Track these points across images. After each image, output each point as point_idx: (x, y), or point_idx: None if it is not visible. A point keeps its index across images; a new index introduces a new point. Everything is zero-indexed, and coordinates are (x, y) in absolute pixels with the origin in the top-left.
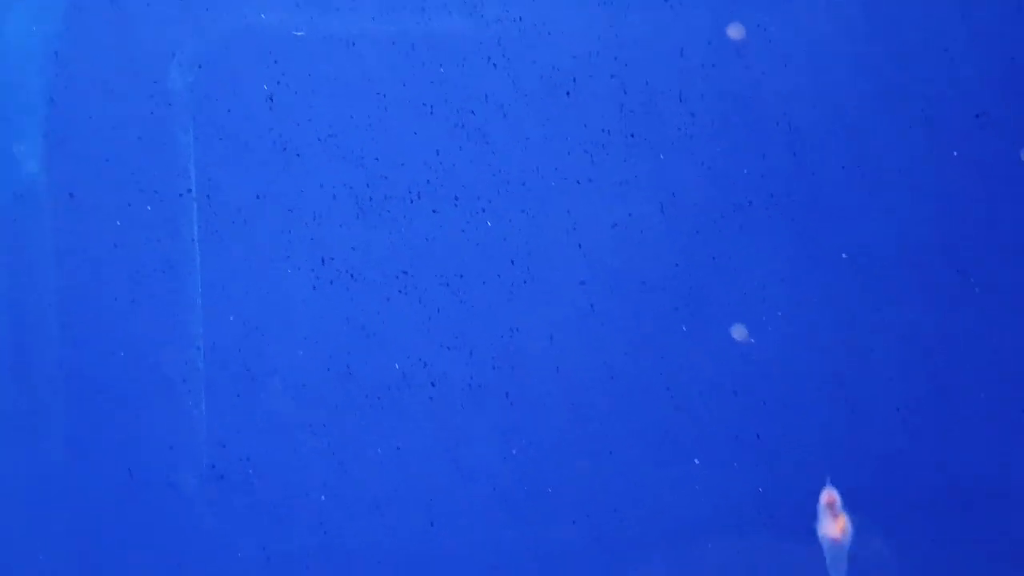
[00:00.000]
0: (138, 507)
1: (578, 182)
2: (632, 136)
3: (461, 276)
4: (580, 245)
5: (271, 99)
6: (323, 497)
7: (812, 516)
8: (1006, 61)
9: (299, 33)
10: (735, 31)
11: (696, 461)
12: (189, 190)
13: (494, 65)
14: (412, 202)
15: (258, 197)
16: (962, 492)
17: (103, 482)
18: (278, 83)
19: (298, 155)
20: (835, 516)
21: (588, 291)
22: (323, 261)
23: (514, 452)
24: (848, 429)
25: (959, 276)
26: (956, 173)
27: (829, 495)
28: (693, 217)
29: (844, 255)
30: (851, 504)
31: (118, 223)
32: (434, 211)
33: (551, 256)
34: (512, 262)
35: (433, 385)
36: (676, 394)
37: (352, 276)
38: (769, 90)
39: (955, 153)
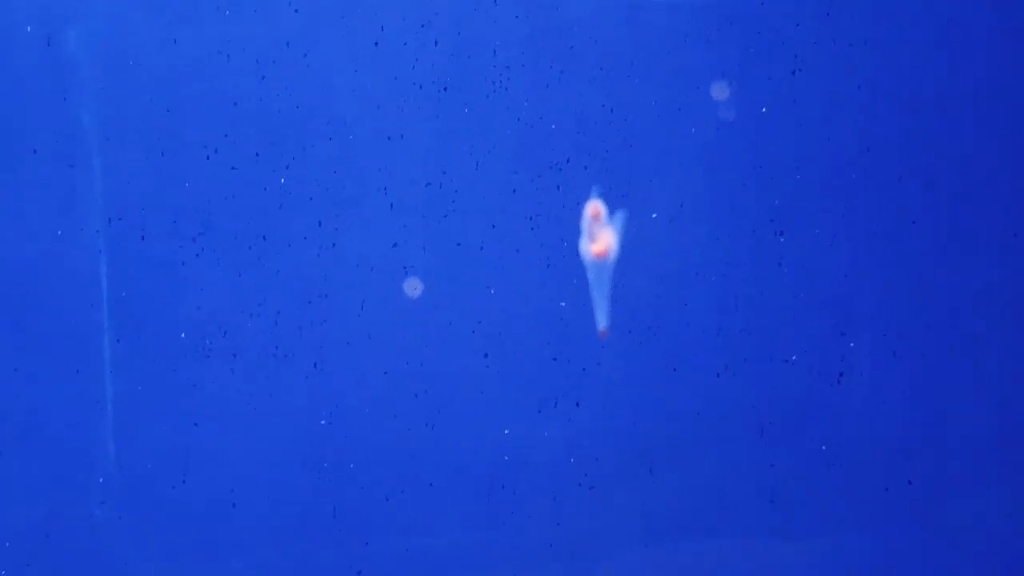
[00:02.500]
0: None
1: (389, 138)
2: (445, 90)
3: (264, 238)
4: (392, 205)
5: (49, 42)
6: (102, 480)
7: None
8: None
9: None
10: None
11: (506, 431)
12: None
13: (295, 11)
14: (209, 157)
15: (35, 152)
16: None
17: None
18: (57, 29)
19: (79, 104)
20: (600, 231)
21: (401, 253)
22: (110, 221)
23: (323, 423)
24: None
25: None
26: None
27: (594, 207)
28: (509, 175)
29: (654, 215)
30: None
31: None
32: (233, 168)
33: (362, 216)
34: (319, 223)
35: (235, 356)
36: (494, 360)
37: (143, 237)
38: (584, 39)
39: None
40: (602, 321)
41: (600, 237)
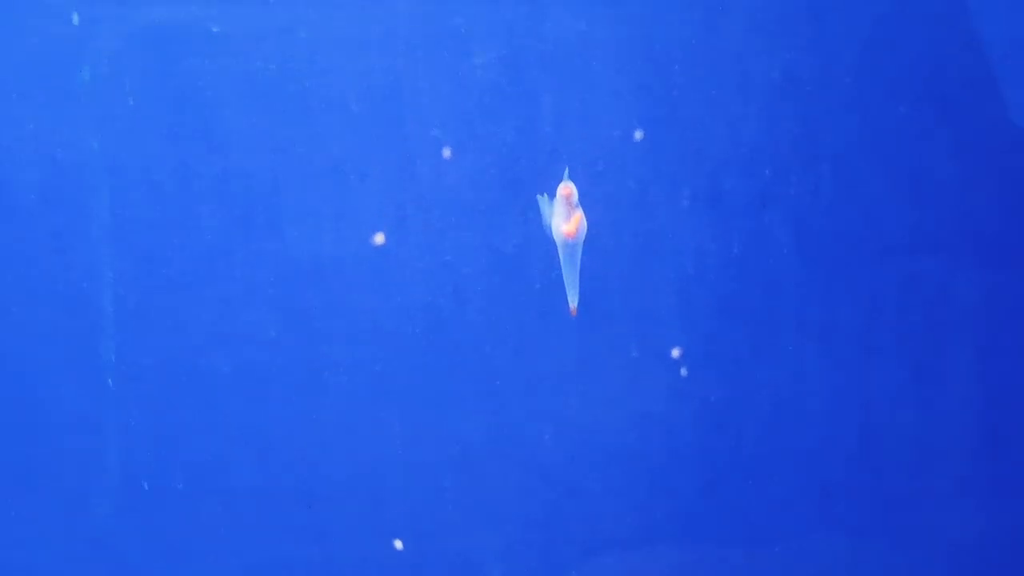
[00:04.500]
0: None
1: (342, 264)
2: (390, 219)
3: (254, 375)
4: (377, 332)
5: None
6: None
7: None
8: None
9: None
10: None
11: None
12: None
13: (245, 136)
14: (196, 297)
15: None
16: None
17: None
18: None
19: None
20: (571, 211)
21: (384, 384)
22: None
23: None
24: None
25: None
26: None
27: (567, 188)
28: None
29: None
30: None
31: None
32: (224, 312)
33: (337, 351)
34: (298, 363)
35: (228, 496)
36: (465, 484)
37: (135, 379)
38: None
39: None
40: (573, 300)
41: (571, 217)
